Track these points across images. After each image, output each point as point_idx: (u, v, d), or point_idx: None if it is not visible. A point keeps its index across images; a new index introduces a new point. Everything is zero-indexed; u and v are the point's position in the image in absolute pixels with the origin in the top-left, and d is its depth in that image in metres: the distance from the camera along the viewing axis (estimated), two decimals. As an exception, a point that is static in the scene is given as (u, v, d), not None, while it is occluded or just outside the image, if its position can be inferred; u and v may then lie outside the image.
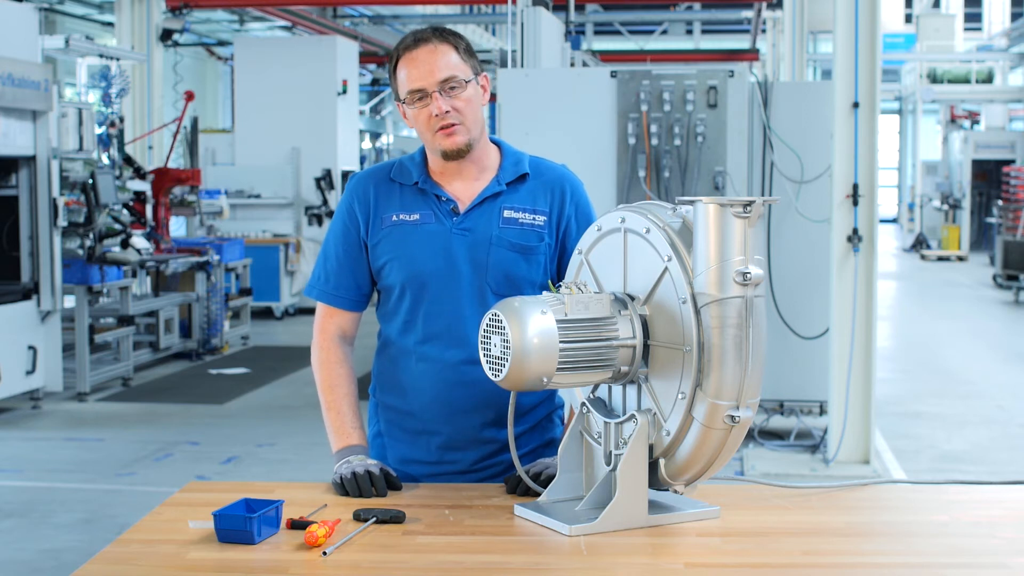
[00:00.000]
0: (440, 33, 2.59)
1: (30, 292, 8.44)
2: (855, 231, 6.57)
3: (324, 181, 13.72)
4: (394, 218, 2.63)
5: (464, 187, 2.65)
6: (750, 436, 7.18)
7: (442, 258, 2.61)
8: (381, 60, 18.78)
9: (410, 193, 2.65)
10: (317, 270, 2.74)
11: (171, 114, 14.83)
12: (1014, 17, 25.10)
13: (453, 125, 2.56)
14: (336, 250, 2.71)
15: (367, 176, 2.71)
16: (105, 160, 9.94)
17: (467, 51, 2.61)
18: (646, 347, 2.28)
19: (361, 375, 2.75)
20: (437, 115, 2.55)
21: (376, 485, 2.47)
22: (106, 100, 10.28)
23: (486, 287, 2.61)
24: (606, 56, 18.89)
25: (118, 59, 11.13)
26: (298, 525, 2.26)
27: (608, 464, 2.34)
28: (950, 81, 26.17)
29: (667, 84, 7.00)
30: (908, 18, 27.79)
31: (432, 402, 2.65)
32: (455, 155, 2.59)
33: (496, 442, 2.66)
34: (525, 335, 2.18)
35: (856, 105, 6.55)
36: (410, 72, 2.56)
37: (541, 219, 2.66)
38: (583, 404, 2.41)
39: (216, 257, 10.68)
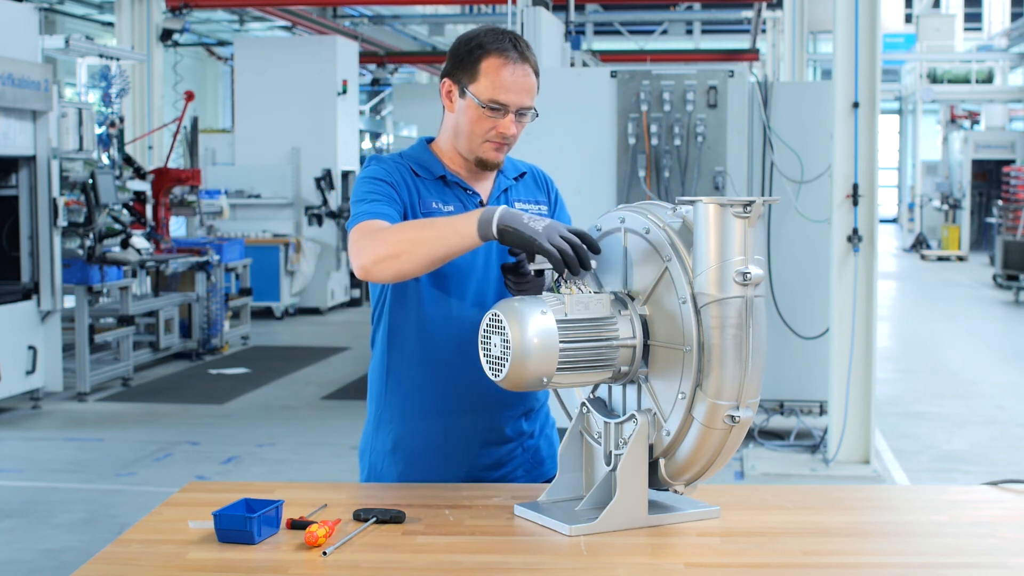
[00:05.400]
0: (532, 57, 2.57)
1: (30, 292, 8.44)
2: (855, 231, 6.57)
3: (324, 181, 13.73)
4: (433, 205, 2.60)
5: (479, 183, 2.68)
6: (750, 436, 7.18)
7: (482, 249, 2.56)
8: (381, 60, 18.77)
9: (437, 186, 2.63)
10: (359, 207, 2.52)
11: (171, 114, 14.83)
12: (1014, 17, 25.08)
13: (506, 145, 2.59)
14: (385, 191, 2.55)
15: (401, 159, 2.65)
16: (105, 160, 9.94)
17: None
18: (646, 347, 2.28)
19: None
20: (502, 133, 2.55)
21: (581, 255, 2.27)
22: (106, 100, 10.28)
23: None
24: (606, 56, 18.89)
25: (118, 59, 11.13)
26: (298, 525, 2.26)
27: (608, 464, 2.34)
28: (950, 81, 26.17)
29: (667, 84, 7.00)
30: (908, 18, 27.76)
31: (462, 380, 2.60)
32: (490, 167, 2.62)
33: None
34: (525, 335, 2.18)
35: (856, 105, 6.55)
36: (504, 82, 2.52)
37: (545, 208, 2.75)
38: (583, 404, 2.41)
39: (216, 257, 10.68)
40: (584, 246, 2.26)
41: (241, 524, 2.19)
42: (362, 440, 2.77)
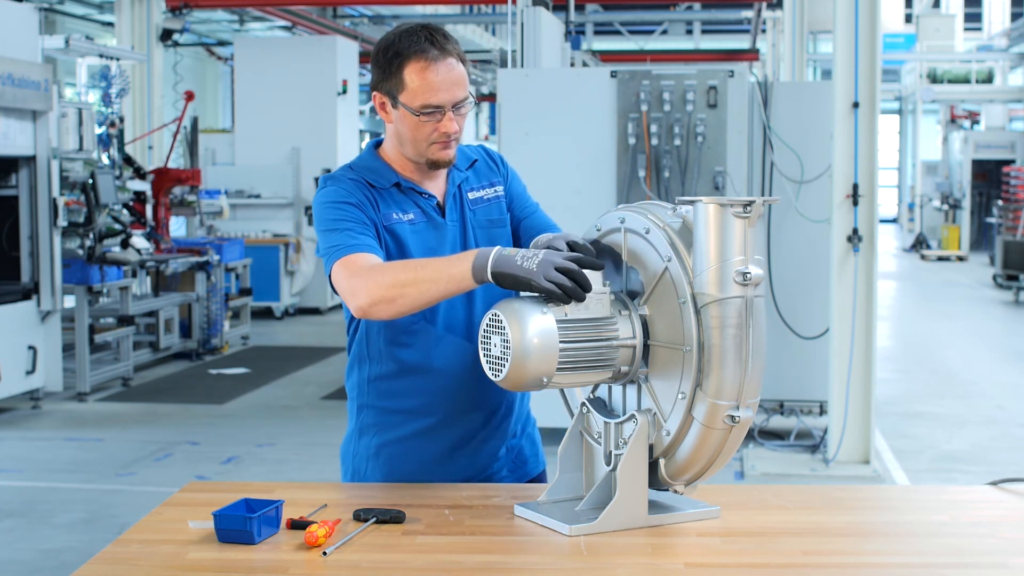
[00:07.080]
0: (453, 47, 2.51)
1: (30, 292, 8.44)
2: (855, 231, 6.57)
3: (324, 181, 13.72)
4: (394, 216, 2.57)
5: (432, 183, 2.64)
6: (750, 436, 7.18)
7: (449, 252, 2.57)
8: (381, 60, 18.73)
9: (392, 194, 2.59)
10: (334, 237, 2.48)
11: (171, 114, 14.83)
12: (1014, 17, 25.08)
13: (453, 141, 2.55)
14: (354, 216, 2.50)
15: (352, 171, 2.61)
16: (105, 160, 9.94)
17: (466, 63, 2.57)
18: (646, 347, 2.28)
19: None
20: (445, 132, 2.52)
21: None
22: (106, 100, 10.28)
23: None
24: (606, 56, 18.90)
25: (118, 59, 11.12)
26: (298, 525, 2.26)
27: (608, 464, 2.34)
28: (950, 81, 26.16)
29: (667, 84, 7.00)
30: (908, 18, 27.75)
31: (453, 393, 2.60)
32: (443, 165, 2.58)
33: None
34: (525, 335, 2.18)
35: (856, 105, 6.55)
36: (430, 84, 2.48)
37: (501, 189, 2.71)
38: (583, 404, 2.41)
39: (216, 257, 10.68)
40: (582, 271, 2.23)
41: (241, 524, 2.19)
42: (343, 444, 2.74)
